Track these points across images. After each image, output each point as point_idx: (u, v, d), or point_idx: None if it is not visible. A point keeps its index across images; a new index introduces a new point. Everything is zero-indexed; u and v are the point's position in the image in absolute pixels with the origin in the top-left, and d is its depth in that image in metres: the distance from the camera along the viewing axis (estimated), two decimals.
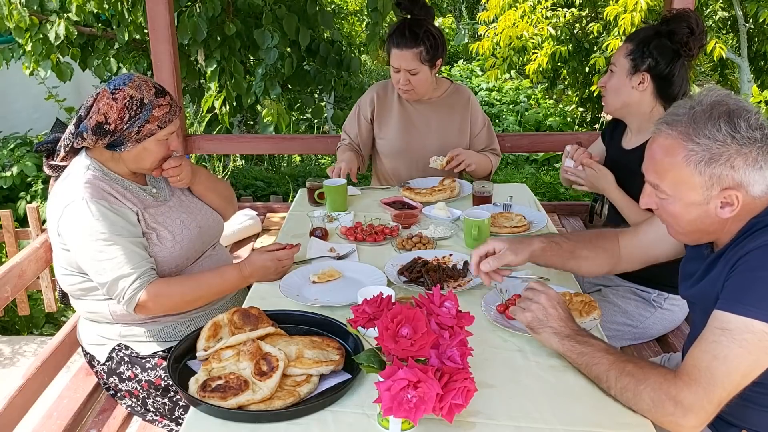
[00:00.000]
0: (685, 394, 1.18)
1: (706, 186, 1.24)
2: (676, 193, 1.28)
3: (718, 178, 1.22)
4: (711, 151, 1.21)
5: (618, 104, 2.12)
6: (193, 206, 1.97)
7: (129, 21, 4.38)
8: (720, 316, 1.21)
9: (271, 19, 4.12)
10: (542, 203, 2.70)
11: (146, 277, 1.71)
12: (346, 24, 7.98)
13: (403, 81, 2.55)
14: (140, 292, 1.69)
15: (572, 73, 7.14)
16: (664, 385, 1.20)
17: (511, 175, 7.12)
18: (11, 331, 3.81)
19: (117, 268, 1.68)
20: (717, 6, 6.45)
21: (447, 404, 1.08)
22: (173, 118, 1.77)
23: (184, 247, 1.84)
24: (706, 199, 1.25)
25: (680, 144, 1.24)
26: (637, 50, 2.03)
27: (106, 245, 1.67)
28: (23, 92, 6.66)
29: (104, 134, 1.70)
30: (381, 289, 1.52)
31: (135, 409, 1.90)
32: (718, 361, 1.18)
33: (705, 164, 1.22)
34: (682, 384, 1.19)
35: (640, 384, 1.23)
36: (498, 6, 6.81)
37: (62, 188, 1.74)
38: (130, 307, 1.71)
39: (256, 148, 4.59)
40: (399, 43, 2.48)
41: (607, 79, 2.12)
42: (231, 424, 1.25)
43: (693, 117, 1.23)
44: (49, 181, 1.87)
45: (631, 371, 1.26)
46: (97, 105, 1.71)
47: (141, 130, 1.72)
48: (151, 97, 1.72)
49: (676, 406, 1.18)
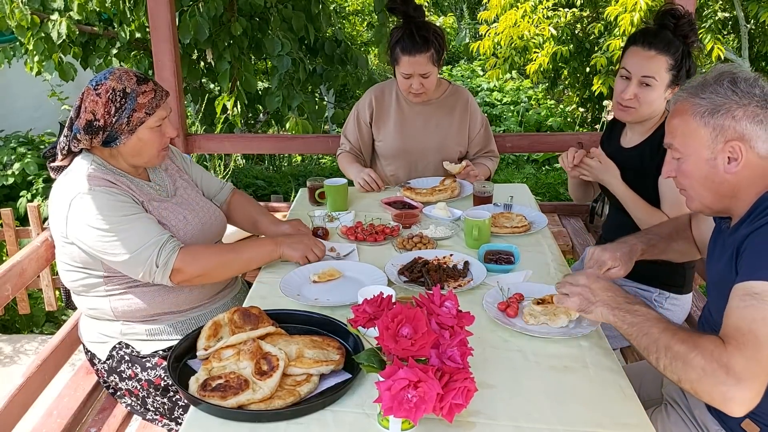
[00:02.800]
0: (736, 359, 1.14)
1: (712, 138, 1.33)
2: (686, 150, 1.38)
3: (721, 129, 1.31)
4: (714, 102, 1.32)
5: (648, 114, 2.05)
6: (197, 203, 1.97)
7: (131, 20, 4.38)
8: (744, 286, 1.21)
9: (279, 22, 4.12)
10: (542, 203, 2.71)
11: (174, 242, 1.72)
12: (347, 24, 7.99)
13: (416, 86, 2.52)
14: (174, 255, 1.69)
15: (573, 74, 7.15)
16: (715, 352, 1.17)
17: (512, 175, 7.13)
18: (11, 329, 3.81)
19: (139, 240, 1.68)
20: (717, 7, 6.44)
21: (447, 404, 1.08)
22: (160, 102, 1.76)
23: (186, 243, 1.84)
24: (714, 153, 1.33)
25: (688, 101, 1.36)
26: (676, 65, 1.98)
27: (123, 223, 1.68)
28: (24, 91, 6.66)
29: (96, 131, 1.70)
30: (381, 289, 1.51)
31: (135, 408, 1.90)
32: (758, 323, 1.16)
33: (709, 114, 1.32)
34: (732, 348, 1.16)
35: (691, 351, 1.19)
36: (499, 6, 6.81)
37: (65, 184, 1.74)
38: (166, 273, 1.69)
39: (256, 148, 4.59)
40: (411, 50, 2.44)
41: (642, 92, 2.00)
42: (231, 424, 1.25)
43: (702, 82, 1.36)
44: (52, 179, 1.88)
45: (683, 338, 1.22)
46: (84, 104, 1.71)
47: (130, 120, 1.72)
48: (133, 86, 1.72)
49: (728, 374, 1.14)
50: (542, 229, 2.19)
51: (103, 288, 1.79)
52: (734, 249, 1.31)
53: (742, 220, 1.34)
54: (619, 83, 2.06)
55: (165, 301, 1.82)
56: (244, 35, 4.33)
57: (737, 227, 1.35)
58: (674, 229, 1.80)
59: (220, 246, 1.86)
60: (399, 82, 2.60)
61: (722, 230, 1.45)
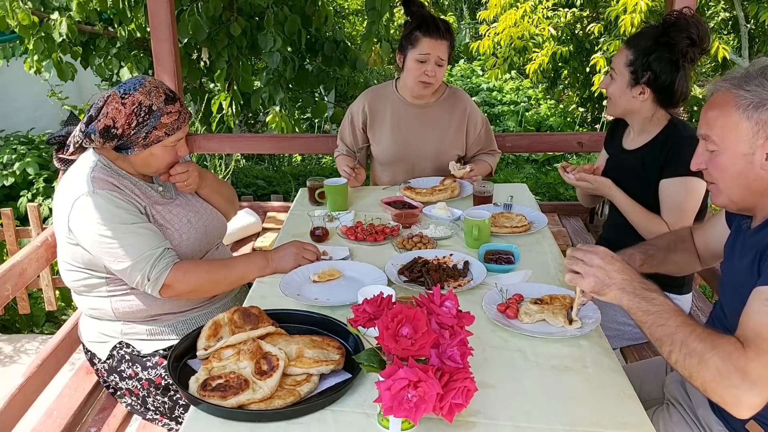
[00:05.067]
0: (754, 364, 1.13)
1: (753, 132, 1.28)
2: (723, 143, 1.32)
3: (764, 124, 1.26)
4: (759, 96, 1.26)
5: (619, 111, 2.15)
6: (200, 206, 1.97)
7: (131, 19, 4.38)
8: (766, 290, 1.19)
9: (272, 22, 4.11)
10: (542, 203, 2.71)
11: (169, 257, 1.72)
12: (347, 23, 7.98)
13: (431, 70, 2.50)
14: (166, 272, 1.70)
15: (573, 74, 7.14)
16: (734, 354, 1.15)
17: (512, 175, 7.13)
18: (12, 329, 3.81)
19: (136, 250, 1.68)
20: (719, 8, 6.44)
21: (447, 404, 1.08)
22: (182, 125, 1.76)
23: (189, 245, 1.85)
24: (752, 148, 1.29)
25: (731, 92, 1.30)
26: (636, 62, 2.00)
27: (121, 231, 1.68)
28: (24, 91, 6.66)
29: (111, 138, 1.70)
30: (381, 289, 1.52)
31: (135, 407, 1.90)
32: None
33: (753, 108, 1.27)
34: (752, 354, 1.14)
35: (708, 351, 1.17)
36: (499, 5, 6.80)
37: (69, 183, 1.75)
38: (156, 287, 1.70)
39: (256, 148, 4.59)
40: (434, 33, 2.46)
41: (608, 83, 2.12)
42: (231, 424, 1.25)
43: (746, 74, 1.30)
44: (53, 178, 1.88)
45: (701, 336, 1.20)
46: (106, 108, 1.70)
47: (148, 136, 1.72)
48: (160, 104, 1.71)
49: (744, 379, 1.13)
50: (542, 228, 2.19)
51: (104, 288, 1.79)
52: (759, 250, 1.28)
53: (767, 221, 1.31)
54: None
55: (166, 302, 1.82)
56: (242, 35, 4.32)
57: (762, 227, 1.32)
58: (673, 240, 1.77)
59: (212, 263, 1.84)
60: (409, 70, 2.53)
61: (742, 229, 1.42)
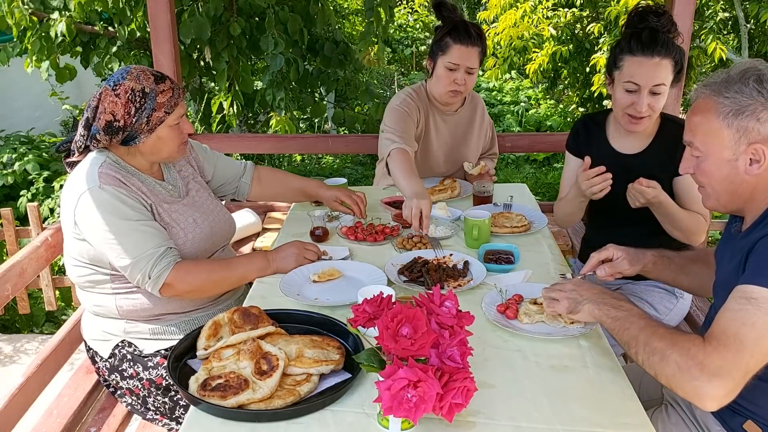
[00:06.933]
0: (712, 358, 1.16)
1: (735, 139, 1.30)
2: (707, 149, 1.35)
3: (745, 131, 1.28)
4: (738, 103, 1.28)
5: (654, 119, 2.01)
6: (207, 206, 1.97)
7: (131, 19, 4.38)
8: (744, 289, 1.22)
9: (273, 23, 4.11)
10: (542, 203, 2.71)
11: (171, 256, 1.72)
12: (347, 24, 7.97)
13: (461, 78, 2.42)
14: (167, 271, 1.70)
15: (573, 74, 7.15)
16: (692, 350, 1.19)
17: (511, 175, 7.14)
18: (12, 329, 3.81)
19: (138, 248, 1.68)
20: (718, 7, 6.44)
21: (447, 404, 1.08)
22: (178, 100, 1.77)
23: (194, 245, 1.85)
24: (735, 155, 1.31)
25: (712, 99, 1.32)
26: (678, 65, 1.93)
27: (124, 228, 1.68)
28: (24, 91, 6.67)
29: (116, 132, 1.71)
30: (381, 289, 1.52)
31: (135, 407, 1.90)
32: (747, 327, 1.16)
33: (733, 115, 1.29)
34: (710, 349, 1.17)
35: (668, 348, 1.22)
36: (499, 5, 6.81)
37: (76, 178, 1.74)
38: (157, 286, 1.70)
39: (256, 148, 4.58)
40: (465, 40, 2.36)
41: (654, 101, 1.93)
42: (231, 423, 1.25)
43: (726, 79, 1.32)
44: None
45: (662, 335, 1.25)
46: (102, 105, 1.71)
47: (150, 119, 1.72)
48: (151, 85, 1.72)
49: (702, 371, 1.16)
50: (542, 228, 2.19)
51: (109, 285, 1.79)
52: (745, 253, 1.30)
53: (756, 224, 1.33)
54: (626, 97, 1.94)
55: (171, 302, 1.82)
56: (242, 35, 4.32)
57: (750, 231, 1.34)
58: (697, 254, 1.75)
59: (214, 263, 1.84)
60: (439, 77, 2.45)
61: (732, 234, 1.44)
